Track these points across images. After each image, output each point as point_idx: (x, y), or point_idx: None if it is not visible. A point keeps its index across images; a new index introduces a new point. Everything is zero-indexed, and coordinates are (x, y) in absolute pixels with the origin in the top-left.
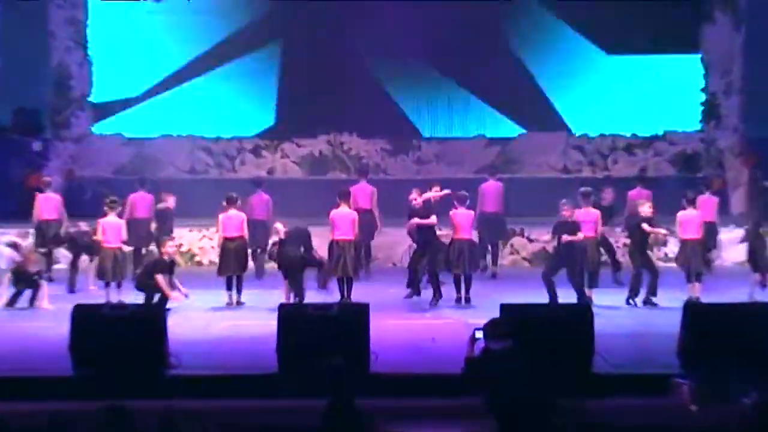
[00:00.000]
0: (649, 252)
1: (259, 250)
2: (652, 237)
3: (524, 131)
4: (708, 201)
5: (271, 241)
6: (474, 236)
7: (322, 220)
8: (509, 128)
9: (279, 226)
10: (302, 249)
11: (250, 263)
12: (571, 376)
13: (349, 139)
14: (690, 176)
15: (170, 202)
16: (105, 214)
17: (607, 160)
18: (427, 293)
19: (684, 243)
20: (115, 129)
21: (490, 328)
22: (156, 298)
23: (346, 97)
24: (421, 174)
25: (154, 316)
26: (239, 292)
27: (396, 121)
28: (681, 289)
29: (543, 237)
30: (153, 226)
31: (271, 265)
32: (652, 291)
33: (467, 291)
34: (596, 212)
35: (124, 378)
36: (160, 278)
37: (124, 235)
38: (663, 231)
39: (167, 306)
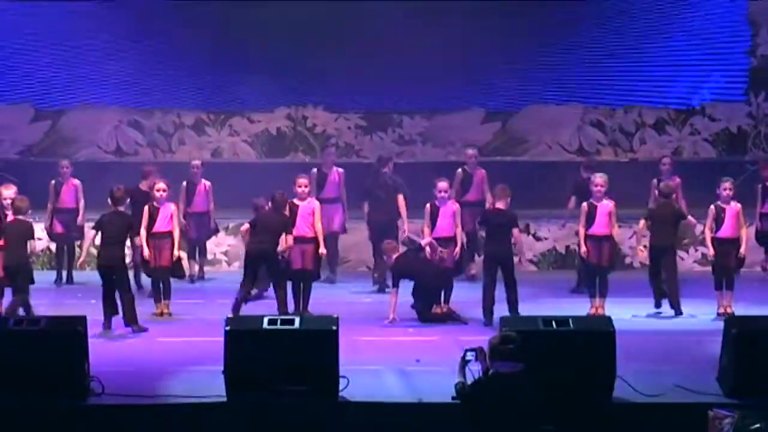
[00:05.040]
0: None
1: (198, 249)
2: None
3: (530, 102)
4: None
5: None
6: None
7: None
8: (512, 99)
9: None
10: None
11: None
12: (588, 406)
13: (313, 113)
14: (734, 159)
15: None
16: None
17: (633, 140)
18: None
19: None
20: (22, 98)
21: (497, 345)
22: None
23: (309, 61)
24: (404, 157)
25: (71, 330)
26: (167, 297)
27: (372, 90)
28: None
29: (552, 234)
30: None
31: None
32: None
33: (446, 300)
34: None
35: (34, 408)
36: None
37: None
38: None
39: None
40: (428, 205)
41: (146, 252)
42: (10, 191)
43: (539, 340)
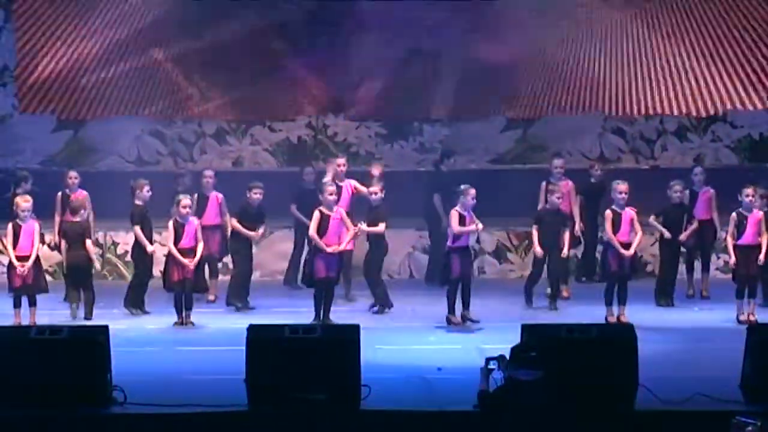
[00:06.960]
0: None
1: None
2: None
3: (552, 110)
4: None
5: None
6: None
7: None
8: (533, 106)
9: None
10: None
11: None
12: (610, 414)
13: (334, 122)
14: (756, 166)
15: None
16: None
17: (654, 147)
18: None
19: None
20: (44, 109)
21: (519, 353)
22: None
23: (330, 70)
24: (424, 165)
25: (94, 339)
26: (189, 308)
27: (392, 98)
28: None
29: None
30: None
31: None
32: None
33: (465, 306)
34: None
35: (56, 417)
36: None
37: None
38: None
39: None
40: (453, 211)
41: (181, 260)
42: (28, 203)
43: (561, 348)
